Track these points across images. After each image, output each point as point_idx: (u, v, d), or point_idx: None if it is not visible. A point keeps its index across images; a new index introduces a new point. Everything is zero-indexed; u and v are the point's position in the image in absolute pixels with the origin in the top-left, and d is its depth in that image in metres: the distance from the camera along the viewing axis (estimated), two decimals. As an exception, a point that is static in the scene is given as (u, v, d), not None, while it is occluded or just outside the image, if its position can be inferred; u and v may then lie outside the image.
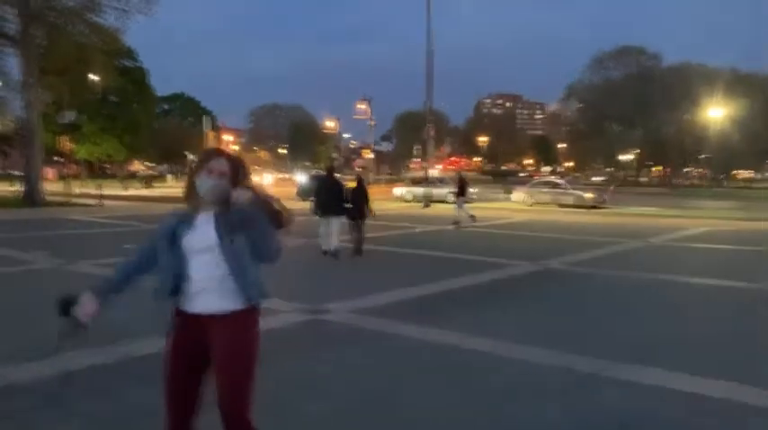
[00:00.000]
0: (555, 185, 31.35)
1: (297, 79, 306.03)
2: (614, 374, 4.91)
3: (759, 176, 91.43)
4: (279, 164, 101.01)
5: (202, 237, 2.64)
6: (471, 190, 30.86)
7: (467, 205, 20.39)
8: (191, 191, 2.71)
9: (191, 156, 60.73)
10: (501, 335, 6.05)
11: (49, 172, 43.90)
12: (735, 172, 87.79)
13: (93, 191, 33.94)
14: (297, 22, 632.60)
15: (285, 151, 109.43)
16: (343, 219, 11.97)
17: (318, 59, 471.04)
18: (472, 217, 19.72)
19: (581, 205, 28.42)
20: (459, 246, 13.57)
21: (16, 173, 41.07)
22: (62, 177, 42.17)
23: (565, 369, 5.05)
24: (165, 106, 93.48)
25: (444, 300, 7.90)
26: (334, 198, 11.80)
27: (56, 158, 59.48)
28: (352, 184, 12.40)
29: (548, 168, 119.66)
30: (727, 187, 67.04)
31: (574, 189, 31.02)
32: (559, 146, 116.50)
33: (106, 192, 30.86)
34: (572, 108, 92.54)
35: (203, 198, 2.67)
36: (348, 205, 11.91)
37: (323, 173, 16.88)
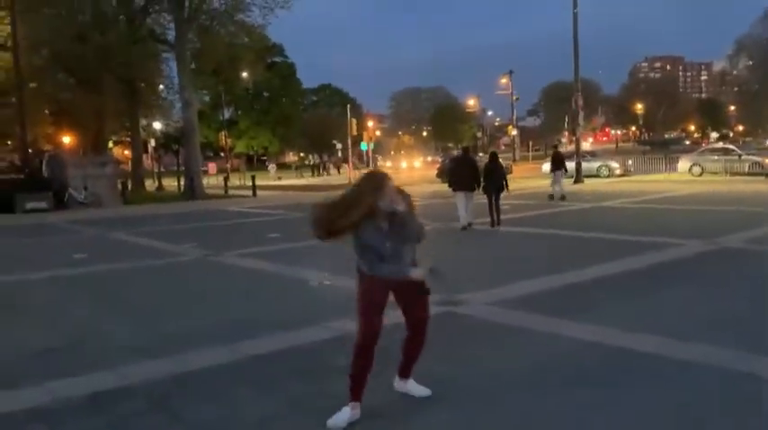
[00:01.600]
0: (727, 152, 27.98)
1: (439, 63, 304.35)
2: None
3: None
4: (422, 147, 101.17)
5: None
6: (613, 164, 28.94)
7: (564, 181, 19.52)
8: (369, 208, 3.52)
9: (339, 145, 62.38)
10: (673, 331, 5.03)
11: (211, 166, 47.09)
12: None
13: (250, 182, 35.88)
14: (438, 10, 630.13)
15: (428, 134, 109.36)
16: (477, 194, 12.62)
17: (461, 44, 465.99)
18: (563, 197, 18.33)
19: (758, 172, 25.10)
20: (609, 225, 12.23)
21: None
22: (221, 170, 45.09)
23: (748, 375, 4.00)
24: (313, 98, 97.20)
25: (597, 289, 6.91)
26: (466, 175, 12.39)
27: (221, 154, 63.92)
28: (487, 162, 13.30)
29: (716, 134, 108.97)
30: None
31: (748, 155, 27.60)
32: (729, 109, 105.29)
33: (263, 182, 32.35)
34: (742, 66, 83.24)
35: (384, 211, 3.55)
36: (482, 181, 12.59)
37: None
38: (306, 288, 7.55)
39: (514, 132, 67.16)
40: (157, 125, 43.92)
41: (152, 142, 45.60)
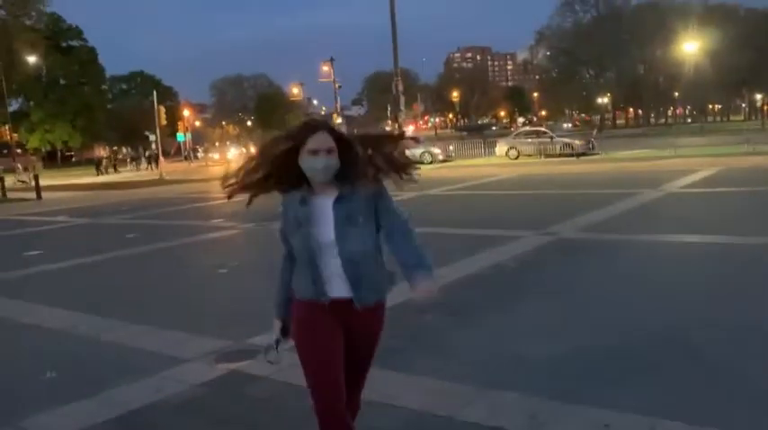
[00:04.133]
0: (539, 134, 29.13)
1: (260, 49, 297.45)
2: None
3: (728, 108, 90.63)
4: (249, 137, 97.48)
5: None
6: (435, 150, 28.94)
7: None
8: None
9: (152, 137, 57.36)
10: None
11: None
12: (709, 106, 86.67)
13: (51, 181, 30.96)
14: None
15: (253, 123, 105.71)
16: None
17: (281, 28, 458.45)
18: None
19: (569, 154, 26.33)
20: (438, 218, 11.30)
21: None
22: (6, 170, 38.91)
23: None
24: (123, 86, 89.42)
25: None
26: None
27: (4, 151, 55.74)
28: None
29: (522, 119, 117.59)
30: (704, 122, 65.35)
31: (560, 137, 29.03)
32: (533, 95, 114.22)
33: (67, 181, 28.05)
34: (542, 55, 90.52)
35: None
36: None
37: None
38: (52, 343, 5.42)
39: (339, 121, 66.50)
40: None
41: None
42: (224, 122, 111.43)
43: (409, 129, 41.01)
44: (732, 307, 4.99)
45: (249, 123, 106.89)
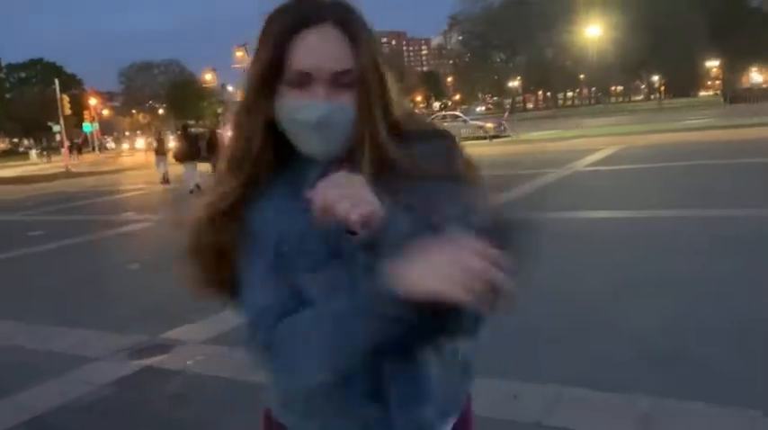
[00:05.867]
0: (455, 118, 29.80)
1: (172, 35, 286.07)
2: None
3: (629, 89, 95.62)
4: (162, 125, 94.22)
5: None
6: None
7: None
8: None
9: (56, 128, 54.38)
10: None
11: None
12: (612, 88, 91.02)
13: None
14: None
15: (164, 111, 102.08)
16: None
17: (196, 11, 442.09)
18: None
19: (482, 136, 27.05)
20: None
21: None
22: None
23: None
24: (22, 74, 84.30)
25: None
26: (188, 148, 15.80)
27: None
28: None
29: (438, 103, 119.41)
30: (608, 103, 68.70)
31: (473, 120, 29.79)
32: (447, 80, 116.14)
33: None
34: (455, 41, 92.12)
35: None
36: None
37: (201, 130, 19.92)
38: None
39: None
40: None
41: None
42: (134, 111, 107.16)
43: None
44: (640, 269, 5.33)
45: (161, 111, 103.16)
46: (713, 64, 73.21)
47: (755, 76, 75.65)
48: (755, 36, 62.46)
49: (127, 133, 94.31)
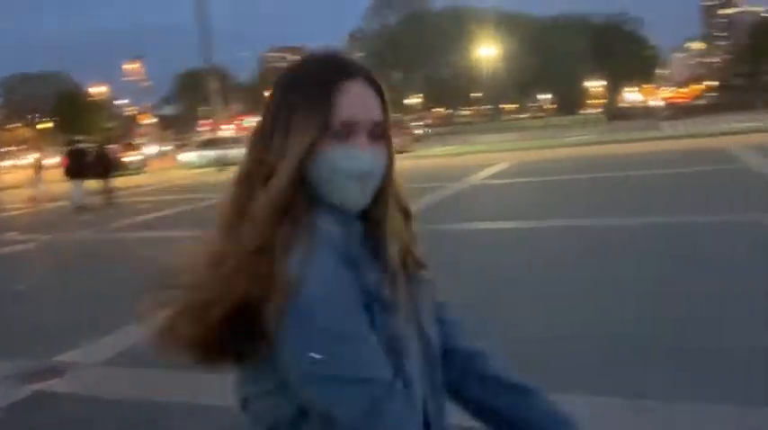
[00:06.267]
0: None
1: (57, 48, 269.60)
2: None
3: (522, 107, 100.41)
4: (47, 140, 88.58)
5: None
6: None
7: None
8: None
9: None
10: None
11: None
12: (503, 106, 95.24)
13: None
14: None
15: (50, 125, 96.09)
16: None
17: (78, 25, 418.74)
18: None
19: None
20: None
21: None
22: None
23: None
24: None
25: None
26: (78, 164, 15.50)
27: None
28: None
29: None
30: (500, 121, 71.89)
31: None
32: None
33: None
34: (355, 58, 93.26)
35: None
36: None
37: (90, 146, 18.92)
38: None
39: (152, 121, 63.22)
40: None
41: None
42: (18, 125, 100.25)
43: (230, 129, 40.06)
44: (540, 275, 5.72)
45: (45, 126, 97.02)
46: (600, 83, 78.41)
47: (629, 95, 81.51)
48: (631, 57, 67.91)
49: (9, 148, 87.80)
